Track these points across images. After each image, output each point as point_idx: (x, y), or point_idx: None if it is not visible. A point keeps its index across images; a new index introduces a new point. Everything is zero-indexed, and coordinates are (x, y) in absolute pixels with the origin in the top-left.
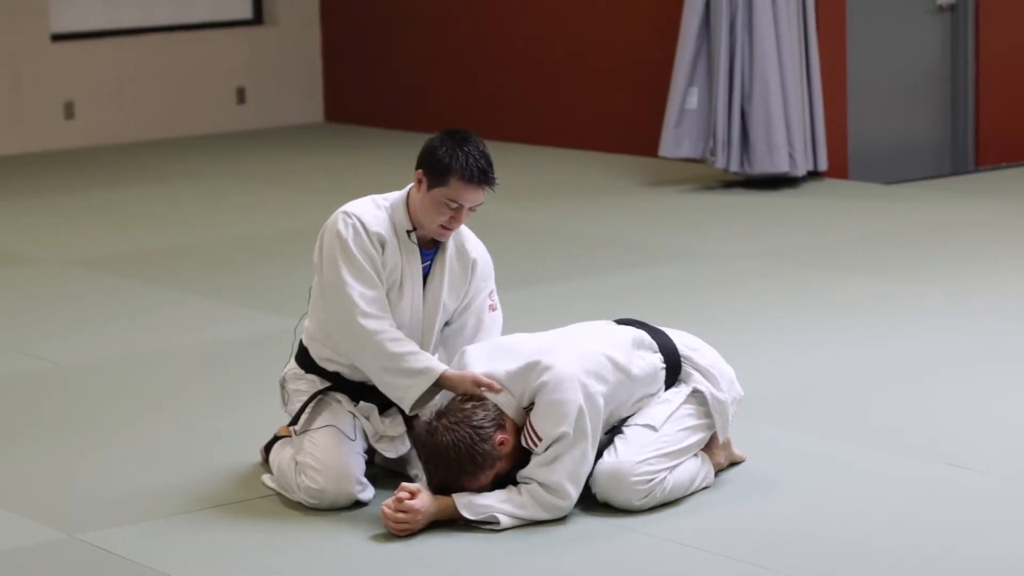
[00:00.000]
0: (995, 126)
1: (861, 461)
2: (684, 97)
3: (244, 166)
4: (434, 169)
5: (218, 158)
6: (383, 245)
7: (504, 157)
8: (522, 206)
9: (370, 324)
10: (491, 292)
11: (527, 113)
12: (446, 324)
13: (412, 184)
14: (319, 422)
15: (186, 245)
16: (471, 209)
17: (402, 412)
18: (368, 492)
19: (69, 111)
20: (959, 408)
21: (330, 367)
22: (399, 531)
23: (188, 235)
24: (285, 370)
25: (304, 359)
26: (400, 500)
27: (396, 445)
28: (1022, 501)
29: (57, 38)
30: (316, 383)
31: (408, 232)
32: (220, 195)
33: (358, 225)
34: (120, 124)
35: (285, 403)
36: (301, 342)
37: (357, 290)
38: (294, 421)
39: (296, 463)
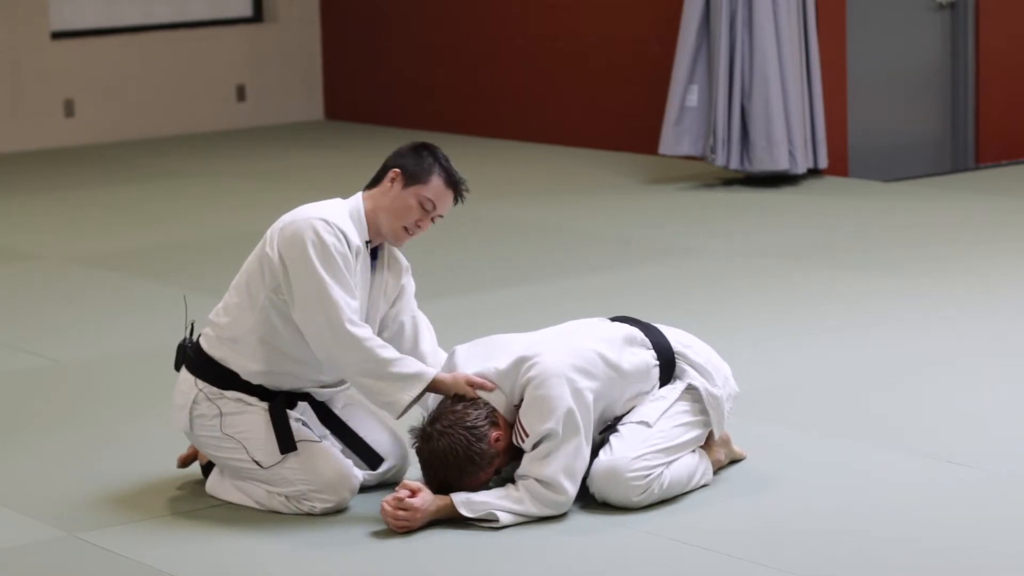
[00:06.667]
0: (995, 123)
1: (860, 458)
2: (684, 94)
3: (244, 164)
4: (415, 167)
5: (218, 156)
6: (356, 257)
7: (504, 154)
8: (522, 203)
9: (357, 330)
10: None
11: (527, 110)
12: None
13: (360, 193)
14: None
15: (185, 242)
16: (434, 219)
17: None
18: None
19: (69, 108)
20: (958, 405)
21: (255, 380)
22: (398, 528)
23: (187, 232)
24: (191, 392)
25: (219, 374)
26: (400, 499)
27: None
28: (1020, 498)
29: (57, 36)
30: (248, 402)
31: (366, 243)
32: (220, 193)
33: (340, 236)
34: (120, 122)
35: (209, 432)
36: (210, 358)
37: (342, 297)
38: (284, 448)
39: (287, 497)
